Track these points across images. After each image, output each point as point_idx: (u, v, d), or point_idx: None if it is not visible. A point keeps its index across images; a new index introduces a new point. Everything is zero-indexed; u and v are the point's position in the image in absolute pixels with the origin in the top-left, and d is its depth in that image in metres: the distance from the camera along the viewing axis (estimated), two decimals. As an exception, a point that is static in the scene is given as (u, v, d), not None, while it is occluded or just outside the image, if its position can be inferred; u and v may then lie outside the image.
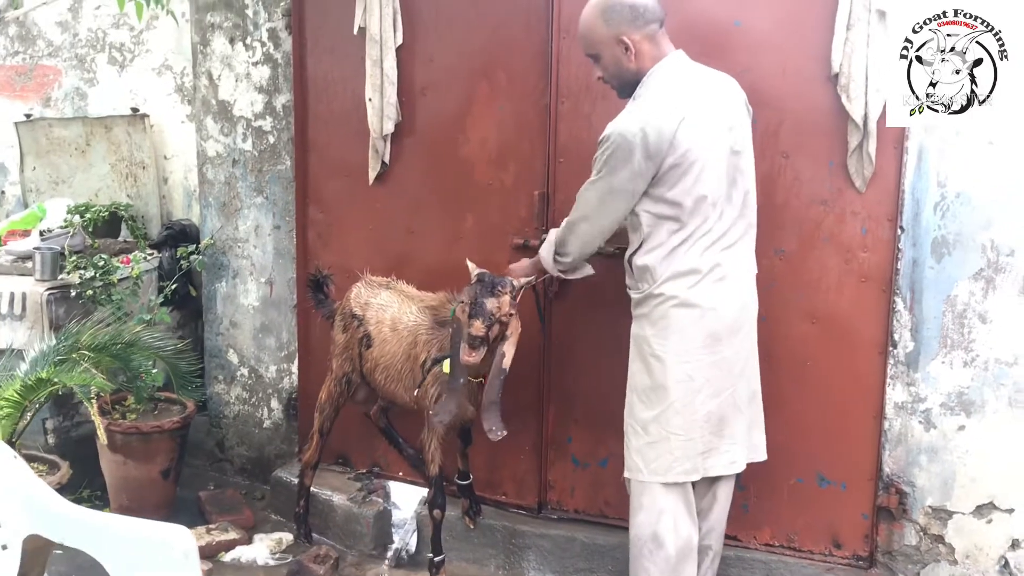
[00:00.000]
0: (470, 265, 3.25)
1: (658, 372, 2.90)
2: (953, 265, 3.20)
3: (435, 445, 3.45)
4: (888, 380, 3.32)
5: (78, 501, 3.81)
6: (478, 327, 3.02)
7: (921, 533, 3.35)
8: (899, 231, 3.23)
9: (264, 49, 4.23)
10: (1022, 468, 3.20)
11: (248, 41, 4.26)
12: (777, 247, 3.33)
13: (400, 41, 3.77)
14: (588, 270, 3.18)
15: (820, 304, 3.34)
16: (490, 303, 3.05)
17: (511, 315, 3.12)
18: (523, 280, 3.22)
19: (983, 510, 3.27)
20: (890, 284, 3.26)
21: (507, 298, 3.09)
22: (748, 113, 3.01)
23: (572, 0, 3.42)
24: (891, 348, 3.30)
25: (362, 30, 3.79)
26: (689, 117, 2.76)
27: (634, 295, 2.99)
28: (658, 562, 2.96)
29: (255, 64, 4.26)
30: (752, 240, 2.99)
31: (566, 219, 3.07)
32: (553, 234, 3.15)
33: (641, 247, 2.91)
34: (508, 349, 3.16)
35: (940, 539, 3.33)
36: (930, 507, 3.33)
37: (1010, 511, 3.23)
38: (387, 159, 3.89)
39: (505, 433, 3.19)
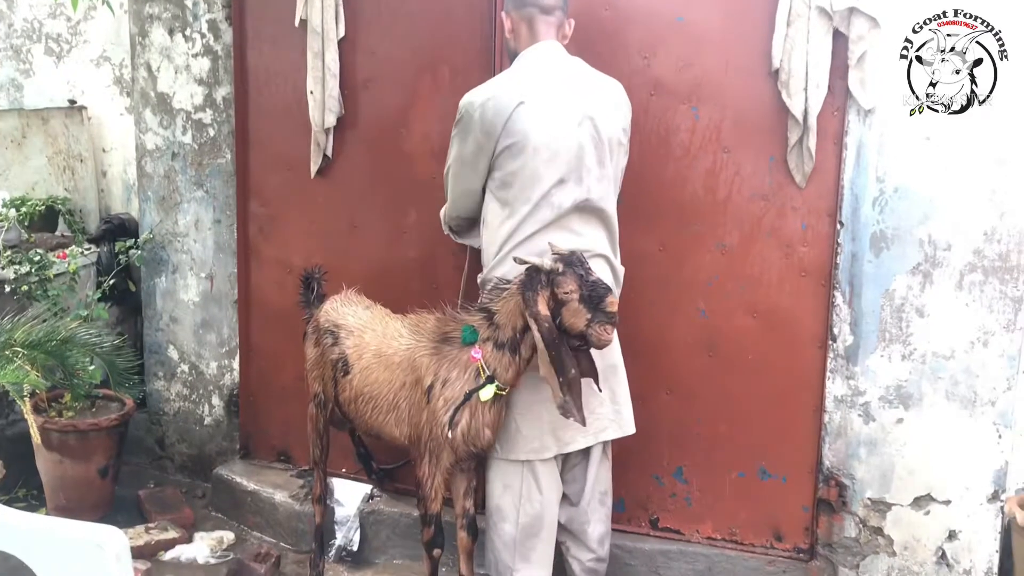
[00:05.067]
0: (552, 245, 2.83)
1: None
2: (891, 259, 3.23)
3: (439, 480, 3.01)
4: (828, 374, 3.34)
5: (12, 501, 3.76)
6: (613, 302, 2.67)
7: (860, 525, 3.39)
8: (838, 226, 3.26)
9: (204, 40, 4.16)
10: (958, 460, 3.25)
11: (188, 32, 4.19)
12: (719, 241, 3.35)
13: (342, 34, 3.73)
14: (476, 241, 3.19)
15: (761, 298, 3.35)
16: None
17: None
18: None
19: (921, 502, 3.31)
20: (829, 279, 3.29)
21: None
22: (624, 117, 3.03)
23: (515, -7, 3.41)
24: (831, 342, 3.32)
25: (303, 22, 3.74)
26: (530, 102, 2.82)
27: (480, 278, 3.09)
28: (501, 535, 3.04)
29: (195, 56, 4.19)
30: (605, 231, 2.99)
31: None
32: None
33: (483, 227, 3.02)
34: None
35: (879, 531, 3.36)
36: (869, 499, 3.37)
37: (947, 503, 3.28)
38: (329, 152, 3.85)
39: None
